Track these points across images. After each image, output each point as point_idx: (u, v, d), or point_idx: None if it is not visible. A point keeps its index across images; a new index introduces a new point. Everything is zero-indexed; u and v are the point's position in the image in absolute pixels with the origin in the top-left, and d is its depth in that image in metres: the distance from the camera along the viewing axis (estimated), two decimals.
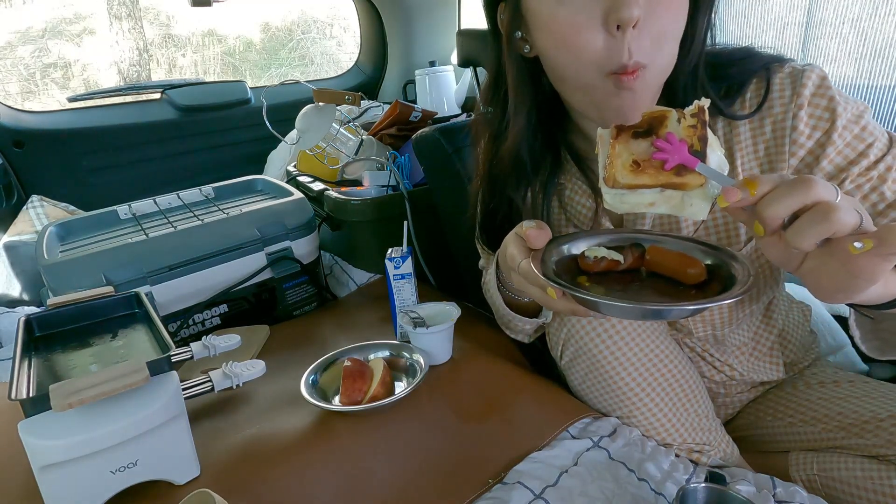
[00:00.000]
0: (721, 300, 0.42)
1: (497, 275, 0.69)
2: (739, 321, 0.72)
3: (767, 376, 0.79)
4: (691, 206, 0.43)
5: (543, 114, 0.69)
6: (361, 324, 1.01)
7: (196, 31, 5.91)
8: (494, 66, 0.68)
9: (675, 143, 0.42)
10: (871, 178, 0.58)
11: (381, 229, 1.17)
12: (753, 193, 0.39)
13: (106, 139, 1.64)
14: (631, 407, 0.69)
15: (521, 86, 0.65)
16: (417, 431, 0.70)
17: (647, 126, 0.44)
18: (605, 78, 0.55)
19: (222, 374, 0.77)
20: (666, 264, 0.49)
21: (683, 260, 0.48)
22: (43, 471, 0.55)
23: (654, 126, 0.44)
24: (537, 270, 0.47)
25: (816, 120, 0.59)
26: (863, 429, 0.67)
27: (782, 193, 0.38)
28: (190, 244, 0.97)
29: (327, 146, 1.34)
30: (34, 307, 1.23)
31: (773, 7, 1.20)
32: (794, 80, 0.59)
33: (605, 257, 0.50)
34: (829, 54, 1.11)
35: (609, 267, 0.51)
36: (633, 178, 0.43)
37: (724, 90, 0.62)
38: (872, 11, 1.04)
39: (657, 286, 0.49)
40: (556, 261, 0.52)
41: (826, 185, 0.38)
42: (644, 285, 0.50)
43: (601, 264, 0.50)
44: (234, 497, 0.58)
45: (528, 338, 0.79)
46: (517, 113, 0.66)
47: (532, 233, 0.50)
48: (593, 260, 0.50)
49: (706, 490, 0.53)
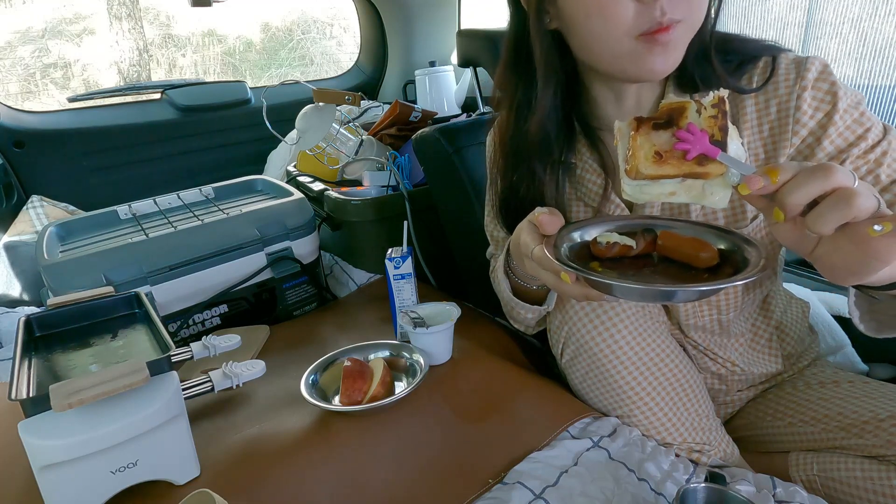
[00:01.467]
0: (733, 281, 0.43)
1: (507, 261, 0.70)
2: (744, 306, 0.73)
3: (766, 368, 0.79)
4: (712, 194, 0.44)
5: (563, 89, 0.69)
6: (361, 324, 1.01)
7: (196, 31, 5.92)
8: (513, 41, 0.68)
9: (697, 133, 0.43)
10: (868, 161, 0.60)
11: (381, 229, 1.17)
12: (775, 181, 0.40)
13: (106, 139, 1.64)
14: (631, 406, 0.69)
15: (549, 58, 0.65)
16: (417, 432, 0.70)
17: (667, 117, 0.45)
18: (636, 40, 0.56)
19: (222, 374, 0.77)
20: (678, 249, 0.50)
21: (695, 244, 0.48)
22: (43, 471, 0.55)
23: (674, 117, 0.45)
24: (551, 256, 0.48)
25: (819, 102, 0.61)
26: (863, 429, 0.66)
27: (803, 180, 0.39)
28: (190, 244, 0.97)
29: (327, 146, 1.34)
30: (34, 307, 1.23)
31: (773, 7, 1.20)
32: (799, 66, 0.61)
33: (618, 243, 0.50)
34: (829, 54, 1.11)
35: (621, 252, 0.51)
36: (657, 169, 0.44)
37: (735, 66, 0.63)
38: (872, 11, 1.04)
39: (669, 271, 0.49)
40: (569, 247, 0.52)
41: (845, 171, 0.39)
42: (657, 270, 0.50)
43: (613, 249, 0.51)
44: (234, 497, 0.58)
45: (531, 329, 0.79)
46: (546, 86, 0.66)
47: (545, 218, 0.51)
48: (605, 245, 0.51)
49: (706, 490, 0.53)
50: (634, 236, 0.52)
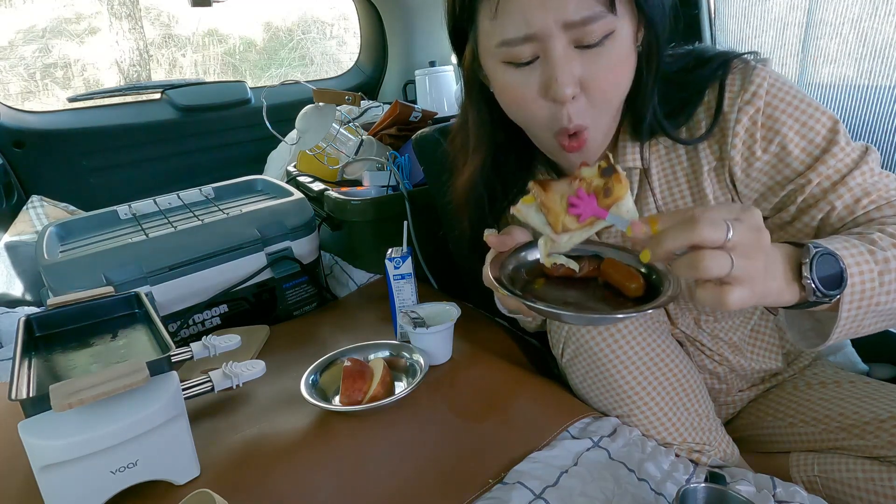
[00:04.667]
0: (615, 314, 0.51)
1: None
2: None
3: (767, 365, 0.79)
4: (628, 211, 0.47)
5: (513, 145, 0.74)
6: (361, 324, 1.01)
7: (196, 31, 5.92)
8: (461, 108, 0.74)
9: (584, 198, 0.46)
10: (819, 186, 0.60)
11: (381, 229, 1.17)
12: (654, 231, 0.44)
13: (106, 139, 1.63)
14: (631, 405, 0.69)
15: (482, 126, 0.70)
16: (417, 431, 0.70)
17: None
18: (554, 138, 0.60)
19: (222, 374, 0.77)
20: (613, 276, 0.54)
21: (628, 275, 0.53)
22: (43, 471, 0.55)
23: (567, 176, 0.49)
24: (495, 272, 0.53)
25: (759, 118, 0.61)
26: (864, 430, 0.66)
27: (671, 234, 0.42)
28: (190, 244, 0.97)
29: (327, 146, 1.34)
30: (34, 307, 1.23)
31: (773, 7, 1.20)
32: (744, 78, 0.61)
33: (564, 265, 0.55)
34: (829, 54, 1.11)
35: (566, 273, 0.56)
36: (579, 225, 0.48)
37: (680, 106, 0.64)
38: (872, 11, 1.03)
39: (604, 295, 0.55)
40: (532, 261, 0.58)
41: (712, 225, 0.41)
42: (593, 293, 0.55)
43: (559, 270, 0.56)
44: (234, 497, 0.58)
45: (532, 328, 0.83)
46: (476, 151, 0.72)
47: (491, 239, 0.55)
48: (552, 266, 0.56)
49: (706, 490, 0.53)
50: (581, 260, 0.57)
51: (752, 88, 0.60)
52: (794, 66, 1.18)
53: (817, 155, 0.59)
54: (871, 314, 0.51)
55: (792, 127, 0.60)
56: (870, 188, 0.58)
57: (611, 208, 0.46)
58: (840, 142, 0.59)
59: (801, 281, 0.48)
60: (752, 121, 0.61)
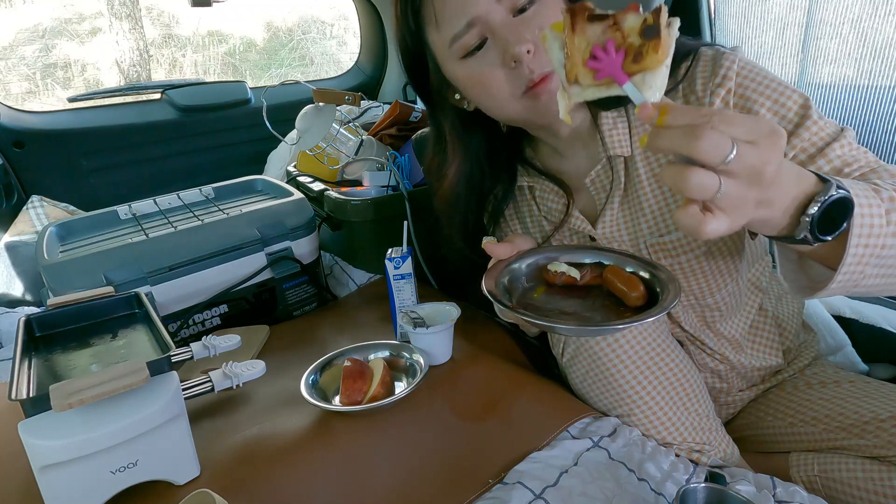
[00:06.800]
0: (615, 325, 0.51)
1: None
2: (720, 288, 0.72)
3: (766, 362, 0.79)
4: (650, 88, 0.41)
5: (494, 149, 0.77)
6: (361, 324, 1.01)
7: (196, 31, 5.92)
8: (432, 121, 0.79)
9: (612, 53, 0.40)
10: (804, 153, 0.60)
11: (381, 229, 1.17)
12: (660, 123, 0.39)
13: (106, 139, 1.63)
14: (631, 405, 0.69)
15: (457, 135, 0.75)
16: (417, 431, 0.70)
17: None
18: (522, 98, 0.62)
19: (222, 374, 0.77)
20: (615, 285, 0.54)
21: (630, 284, 0.53)
22: (43, 471, 0.55)
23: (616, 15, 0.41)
24: (490, 284, 0.53)
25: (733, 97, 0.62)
26: (864, 429, 0.66)
27: (676, 134, 0.38)
28: (190, 244, 0.97)
29: (327, 146, 1.34)
30: (34, 307, 1.23)
31: (773, 7, 1.20)
32: (715, 61, 0.63)
33: (565, 273, 0.55)
34: (829, 54, 1.11)
35: (567, 281, 0.56)
36: (594, 81, 0.42)
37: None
38: (872, 11, 1.03)
39: (605, 303, 0.54)
40: (533, 268, 0.58)
41: (716, 142, 0.37)
42: (593, 302, 0.55)
43: (561, 278, 0.56)
44: (234, 497, 0.58)
45: (532, 333, 0.84)
46: (453, 160, 0.76)
47: (489, 247, 0.55)
48: (554, 273, 0.56)
49: (706, 490, 0.53)
50: (583, 267, 0.57)
51: (722, 72, 0.62)
52: (794, 66, 1.18)
53: (790, 130, 0.60)
54: (874, 260, 0.47)
55: (763, 104, 0.61)
56: (850, 160, 0.58)
57: (634, 76, 0.40)
58: (812, 115, 0.60)
59: (799, 217, 0.44)
60: (724, 102, 0.62)
